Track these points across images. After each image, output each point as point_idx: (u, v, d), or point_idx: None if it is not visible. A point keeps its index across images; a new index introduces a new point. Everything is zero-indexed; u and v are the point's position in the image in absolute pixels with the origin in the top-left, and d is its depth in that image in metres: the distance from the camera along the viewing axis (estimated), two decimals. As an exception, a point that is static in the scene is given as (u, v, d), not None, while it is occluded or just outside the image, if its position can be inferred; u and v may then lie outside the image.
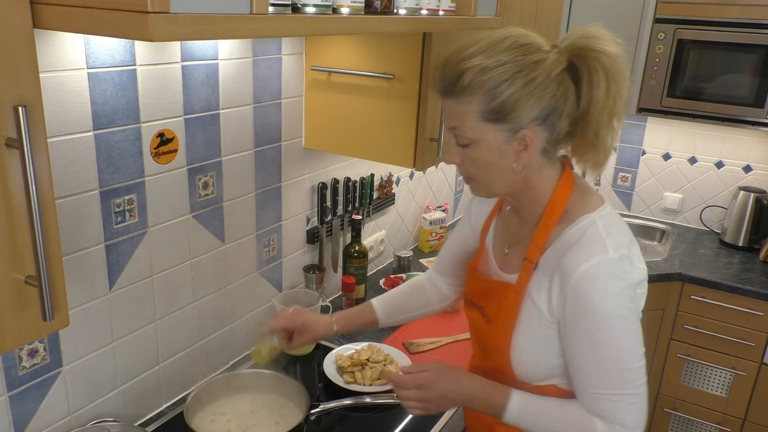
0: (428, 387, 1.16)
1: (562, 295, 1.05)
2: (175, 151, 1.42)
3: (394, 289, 1.52)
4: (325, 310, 1.88)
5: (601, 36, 1.02)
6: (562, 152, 1.13)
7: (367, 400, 1.54)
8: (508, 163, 1.06)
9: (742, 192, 2.72)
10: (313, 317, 1.41)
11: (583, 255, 1.03)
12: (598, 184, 2.89)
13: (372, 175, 2.15)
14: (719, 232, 2.89)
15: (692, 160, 2.95)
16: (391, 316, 1.47)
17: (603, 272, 1.02)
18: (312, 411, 1.42)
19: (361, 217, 2.00)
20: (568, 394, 1.12)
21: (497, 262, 1.22)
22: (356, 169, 2.11)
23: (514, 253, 1.18)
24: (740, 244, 2.73)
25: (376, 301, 1.47)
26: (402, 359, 1.73)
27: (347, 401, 1.49)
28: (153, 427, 1.49)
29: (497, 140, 1.04)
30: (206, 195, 1.54)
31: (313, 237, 1.96)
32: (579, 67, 1.03)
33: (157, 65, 1.33)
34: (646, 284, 1.10)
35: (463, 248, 1.40)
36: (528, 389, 1.14)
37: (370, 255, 2.28)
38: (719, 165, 2.90)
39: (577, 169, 1.16)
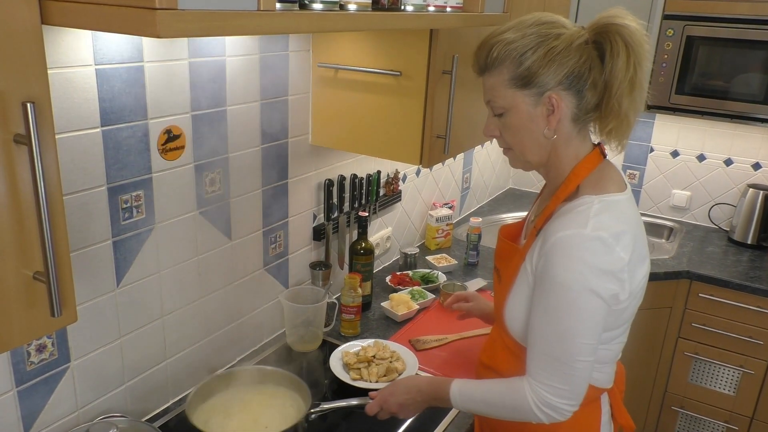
0: (387, 401, 1.35)
1: (539, 256, 1.14)
2: (183, 147, 1.42)
3: None
4: (331, 307, 1.89)
5: (623, 14, 1.11)
6: (596, 139, 1.22)
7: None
8: (539, 128, 1.16)
9: (751, 189, 2.70)
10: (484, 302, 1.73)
11: (564, 224, 1.11)
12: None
13: (378, 172, 2.15)
14: (728, 229, 2.87)
15: (701, 158, 2.93)
16: None
17: (572, 244, 1.08)
18: (315, 410, 1.42)
19: (367, 214, 2.00)
20: None
21: (525, 231, 1.33)
22: (363, 165, 2.11)
23: (532, 224, 1.28)
24: (749, 242, 2.72)
25: None
26: (408, 356, 1.73)
27: (354, 401, 1.49)
28: (160, 422, 1.49)
29: (526, 104, 1.15)
30: (213, 191, 1.54)
31: (319, 234, 1.96)
32: (603, 41, 1.11)
33: (164, 62, 1.33)
34: (629, 276, 1.11)
35: None
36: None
37: (377, 252, 2.28)
38: (728, 162, 2.88)
39: (611, 156, 1.23)
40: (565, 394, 1.13)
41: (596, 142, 1.23)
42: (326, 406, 1.45)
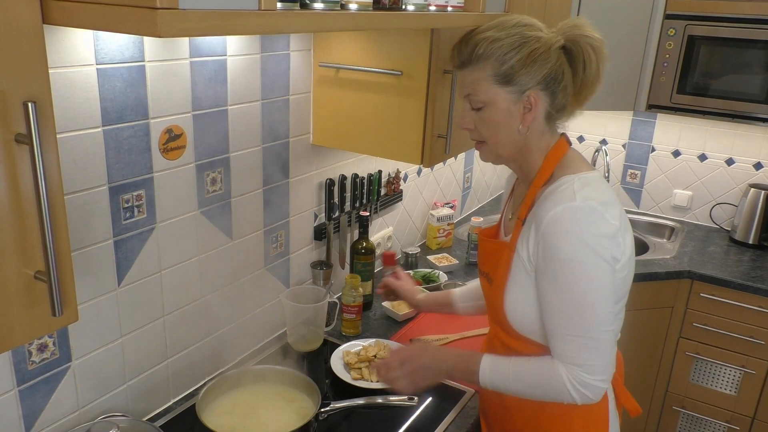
0: (410, 360, 1.32)
1: (536, 242, 1.16)
2: (184, 147, 1.43)
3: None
4: (332, 306, 1.89)
5: (587, 25, 1.21)
6: (561, 130, 1.29)
7: (379, 400, 1.54)
8: (515, 124, 1.21)
9: (752, 189, 2.70)
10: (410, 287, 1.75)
11: (551, 203, 1.15)
12: (605, 178, 2.88)
13: (380, 172, 2.15)
14: (729, 229, 2.87)
15: (702, 157, 2.93)
16: (464, 302, 1.65)
17: (566, 217, 1.12)
18: (325, 409, 1.43)
19: (368, 214, 2.00)
20: None
21: (503, 229, 1.36)
22: (364, 165, 2.11)
23: (514, 217, 1.32)
24: (750, 242, 2.71)
25: (457, 289, 1.68)
26: (409, 356, 1.73)
27: (360, 401, 1.49)
28: (161, 422, 1.49)
29: (506, 101, 1.20)
30: (214, 191, 1.54)
31: (320, 233, 1.96)
32: (573, 50, 1.20)
33: (165, 61, 1.33)
34: (623, 240, 1.15)
35: None
36: (531, 347, 1.25)
37: (378, 252, 2.27)
38: (729, 162, 2.88)
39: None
40: (599, 370, 1.15)
41: (561, 132, 1.29)
42: (337, 405, 1.45)
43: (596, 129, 3.16)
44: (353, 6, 1.15)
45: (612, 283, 1.15)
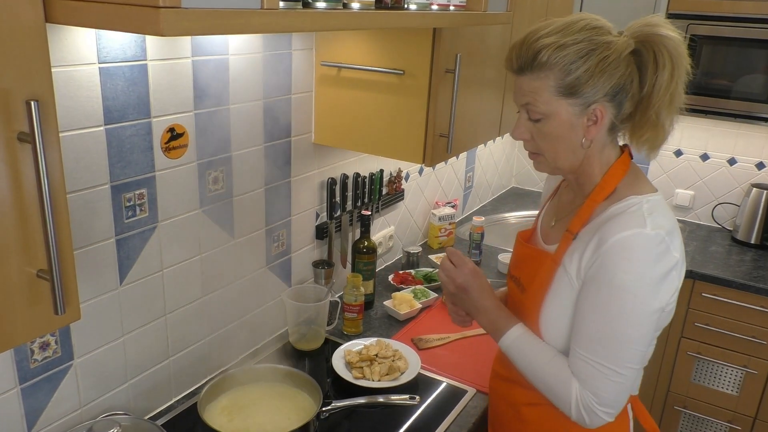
0: (466, 273, 1.26)
1: (593, 258, 1.09)
2: (186, 146, 1.43)
3: None
4: (333, 305, 1.89)
5: (663, 24, 1.09)
6: (622, 141, 1.20)
7: (380, 399, 1.54)
8: (577, 138, 1.13)
9: (754, 189, 2.70)
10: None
11: (621, 225, 1.07)
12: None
13: (381, 171, 2.15)
14: (731, 229, 2.87)
15: (704, 157, 2.93)
16: None
17: (635, 245, 1.05)
18: (326, 408, 1.43)
19: (370, 213, 2.00)
20: None
21: (542, 235, 1.29)
22: (365, 164, 2.11)
23: (558, 226, 1.25)
24: (752, 242, 2.71)
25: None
26: (410, 355, 1.73)
27: (361, 400, 1.49)
28: (163, 420, 1.49)
29: (569, 114, 1.10)
30: (216, 190, 1.54)
31: (322, 232, 1.96)
32: (644, 51, 1.09)
33: (167, 60, 1.33)
34: (677, 274, 1.10)
35: None
36: None
37: (379, 251, 2.27)
38: (732, 162, 2.87)
39: (636, 156, 1.21)
40: (609, 402, 1.11)
41: (622, 144, 1.21)
42: (338, 404, 1.45)
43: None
44: (355, 5, 1.15)
45: (655, 325, 1.10)
